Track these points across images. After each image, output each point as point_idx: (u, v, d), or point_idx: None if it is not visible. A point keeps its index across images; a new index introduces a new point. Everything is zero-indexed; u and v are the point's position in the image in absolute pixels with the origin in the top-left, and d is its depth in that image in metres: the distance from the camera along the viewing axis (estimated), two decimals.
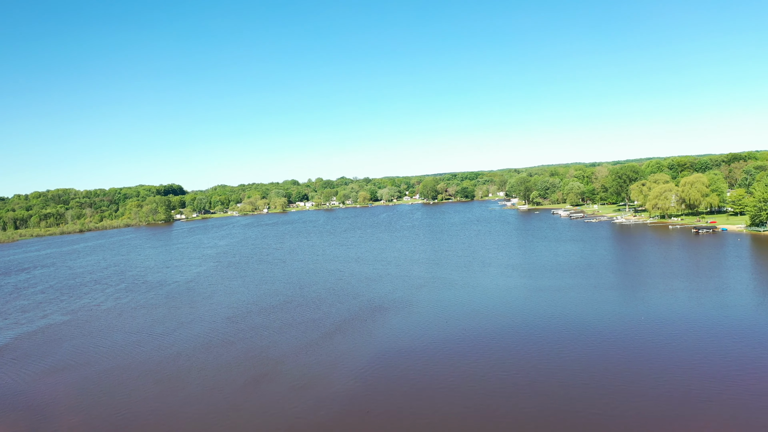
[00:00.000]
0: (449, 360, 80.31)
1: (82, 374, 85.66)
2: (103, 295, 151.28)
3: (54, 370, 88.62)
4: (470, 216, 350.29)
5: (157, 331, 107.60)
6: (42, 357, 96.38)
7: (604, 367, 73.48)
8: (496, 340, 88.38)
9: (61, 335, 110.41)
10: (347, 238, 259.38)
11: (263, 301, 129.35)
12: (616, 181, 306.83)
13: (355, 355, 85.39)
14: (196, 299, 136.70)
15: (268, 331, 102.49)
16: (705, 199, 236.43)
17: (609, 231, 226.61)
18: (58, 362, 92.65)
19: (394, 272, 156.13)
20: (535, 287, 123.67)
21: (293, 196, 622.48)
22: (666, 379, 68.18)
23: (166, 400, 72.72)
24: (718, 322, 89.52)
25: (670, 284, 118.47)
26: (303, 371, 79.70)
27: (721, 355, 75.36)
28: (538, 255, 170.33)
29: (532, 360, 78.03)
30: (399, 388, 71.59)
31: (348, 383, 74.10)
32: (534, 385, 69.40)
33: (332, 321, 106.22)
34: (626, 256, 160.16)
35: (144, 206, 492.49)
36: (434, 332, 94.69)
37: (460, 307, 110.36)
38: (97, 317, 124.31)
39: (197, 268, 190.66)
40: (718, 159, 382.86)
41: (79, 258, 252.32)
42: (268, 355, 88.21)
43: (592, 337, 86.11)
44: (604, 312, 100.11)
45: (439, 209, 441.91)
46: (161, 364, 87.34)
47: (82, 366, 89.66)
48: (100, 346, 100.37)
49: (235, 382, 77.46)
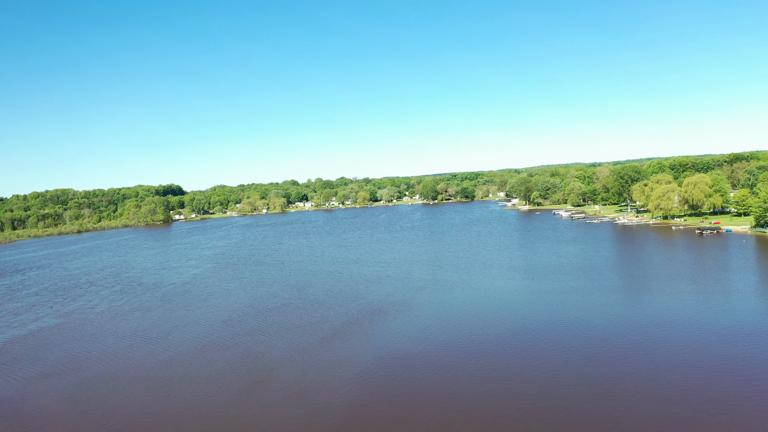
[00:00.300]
0: (451, 366, 77.62)
1: (71, 381, 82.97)
2: (98, 298, 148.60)
3: (43, 377, 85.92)
4: (470, 216, 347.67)
5: (150, 335, 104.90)
6: (31, 362, 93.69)
7: (611, 373, 70.78)
8: (499, 344, 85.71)
9: (53, 339, 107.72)
10: (346, 239, 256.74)
11: (260, 303, 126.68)
12: (618, 182, 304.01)
13: (354, 360, 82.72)
14: (191, 302, 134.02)
15: (264, 335, 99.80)
16: (708, 200, 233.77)
17: (611, 232, 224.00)
18: (47, 368, 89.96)
19: (394, 274, 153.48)
20: (538, 290, 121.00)
21: (293, 197, 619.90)
22: (674, 385, 65.52)
23: (156, 408, 70.03)
24: (728, 327, 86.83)
25: (676, 287, 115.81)
26: (300, 378, 77.03)
27: (731, 360, 72.68)
28: (540, 256, 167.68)
29: (537, 365, 75.36)
30: (399, 394, 68.92)
31: (346, 390, 71.43)
32: (540, 391, 66.70)
33: (330, 325, 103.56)
34: (630, 258, 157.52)
35: (142, 207, 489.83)
36: (435, 337, 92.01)
37: (462, 311, 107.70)
38: (91, 320, 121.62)
39: (194, 270, 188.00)
40: (720, 159, 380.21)
41: (75, 259, 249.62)
42: (264, 360, 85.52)
43: (598, 342, 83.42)
44: (609, 316, 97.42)
45: (439, 210, 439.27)
46: (153, 370, 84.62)
47: (71, 372, 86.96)
48: (92, 350, 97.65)
49: (229, 389, 74.79)
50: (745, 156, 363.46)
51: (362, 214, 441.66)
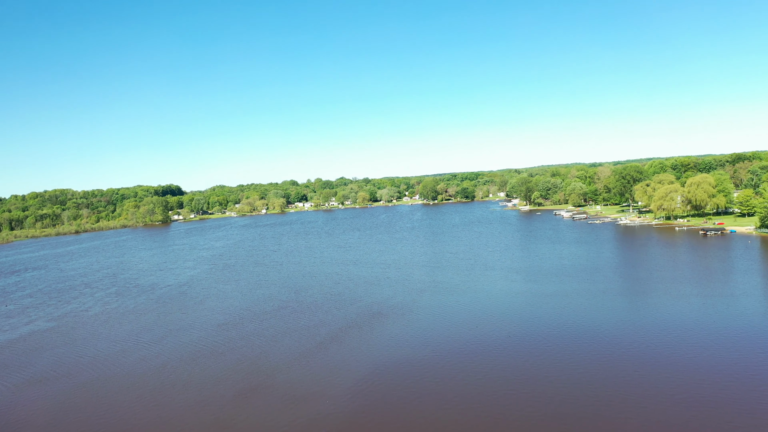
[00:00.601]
0: (452, 372, 74.90)
1: (60, 387, 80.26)
2: (92, 300, 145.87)
3: (31, 383, 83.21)
4: (471, 217, 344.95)
5: (143, 340, 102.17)
6: (20, 368, 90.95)
7: (619, 381, 68.04)
8: (502, 350, 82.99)
9: (44, 343, 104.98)
10: (346, 240, 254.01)
11: (257, 306, 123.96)
12: (619, 182, 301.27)
13: (352, 367, 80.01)
14: (187, 304, 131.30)
15: (260, 339, 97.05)
16: (712, 200, 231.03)
17: (614, 232, 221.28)
18: (36, 373, 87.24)
19: (394, 276, 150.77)
20: (542, 292, 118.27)
21: (292, 197, 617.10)
22: (686, 394, 62.81)
23: (147, 416, 67.31)
24: (737, 331, 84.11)
25: (683, 290, 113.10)
26: (296, 385, 74.33)
27: (743, 365, 69.95)
28: (543, 258, 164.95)
29: (542, 371, 72.64)
30: (398, 404, 66.20)
31: (344, 398, 68.73)
32: (546, 398, 63.99)
33: (328, 329, 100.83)
34: (634, 259, 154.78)
35: (141, 207, 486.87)
36: (436, 342, 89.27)
37: (463, 315, 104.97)
38: (83, 324, 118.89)
39: (191, 271, 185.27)
40: (722, 159, 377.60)
41: (72, 260, 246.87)
42: (259, 367, 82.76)
43: (605, 349, 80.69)
44: (615, 320, 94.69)
45: (439, 210, 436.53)
46: (144, 376, 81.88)
47: (61, 378, 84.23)
48: (83, 355, 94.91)
49: (223, 396, 72.09)
50: (747, 156, 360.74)
51: (362, 215, 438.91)
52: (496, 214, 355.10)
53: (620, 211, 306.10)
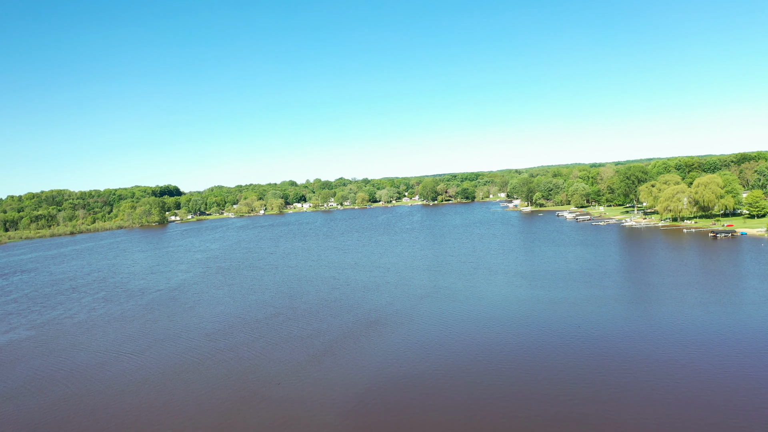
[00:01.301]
0: (455, 389, 68.54)
1: (31, 405, 73.95)
2: (78, 306, 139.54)
3: (1, 400, 76.83)
4: (472, 218, 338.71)
5: (126, 351, 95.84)
6: None
7: (635, 398, 61.73)
8: (510, 365, 76.60)
9: (20, 355, 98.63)
10: (344, 242, 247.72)
11: (249, 314, 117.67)
12: (624, 182, 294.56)
13: (347, 382, 73.74)
14: (176, 311, 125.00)
15: (250, 351, 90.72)
16: (720, 201, 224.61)
17: (619, 235, 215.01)
18: (7, 389, 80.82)
19: (393, 280, 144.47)
20: (549, 299, 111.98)
21: (291, 197, 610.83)
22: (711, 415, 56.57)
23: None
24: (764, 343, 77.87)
25: (698, 297, 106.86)
26: (285, 404, 68.03)
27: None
28: (548, 261, 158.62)
29: (551, 386, 66.33)
30: (397, 424, 59.88)
31: (338, 417, 62.43)
32: (560, 422, 57.67)
33: (323, 339, 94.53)
34: (644, 264, 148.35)
35: (137, 208, 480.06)
36: (437, 354, 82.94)
37: (466, 323, 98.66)
38: (65, 333, 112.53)
39: (183, 275, 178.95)
40: (727, 159, 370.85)
41: (63, 262, 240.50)
42: (247, 383, 76.42)
43: (618, 362, 74.33)
44: (628, 330, 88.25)
45: (439, 211, 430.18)
46: (122, 393, 75.52)
47: (33, 395, 77.89)
48: (59, 369, 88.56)
49: (206, 417, 65.79)
50: (752, 156, 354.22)
51: (361, 216, 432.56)
52: (497, 215, 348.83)
53: (624, 212, 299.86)
